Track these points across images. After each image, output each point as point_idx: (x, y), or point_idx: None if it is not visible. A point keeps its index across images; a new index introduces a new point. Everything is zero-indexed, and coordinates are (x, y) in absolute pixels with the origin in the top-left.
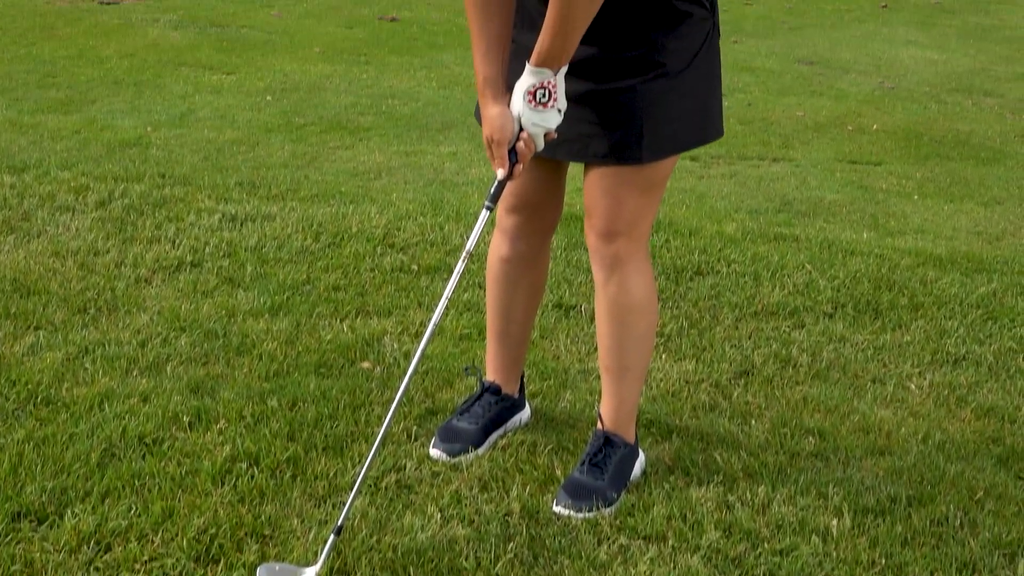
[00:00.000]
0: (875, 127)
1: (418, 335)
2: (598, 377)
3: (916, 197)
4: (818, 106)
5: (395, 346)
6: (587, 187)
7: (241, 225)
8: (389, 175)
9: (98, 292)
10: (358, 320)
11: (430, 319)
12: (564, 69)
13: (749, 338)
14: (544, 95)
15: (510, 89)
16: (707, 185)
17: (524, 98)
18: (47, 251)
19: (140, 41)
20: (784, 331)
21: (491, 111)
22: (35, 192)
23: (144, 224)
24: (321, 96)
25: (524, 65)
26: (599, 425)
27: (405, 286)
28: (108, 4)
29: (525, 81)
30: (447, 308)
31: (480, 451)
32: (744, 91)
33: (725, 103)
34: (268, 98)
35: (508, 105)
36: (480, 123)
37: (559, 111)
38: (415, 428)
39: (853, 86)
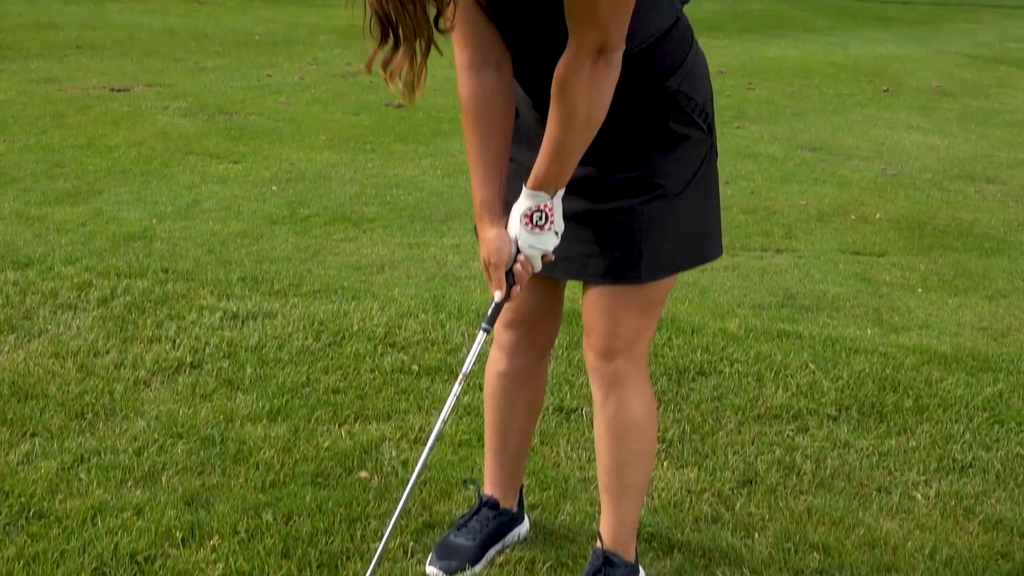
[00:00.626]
0: (878, 216)
1: (417, 441)
2: (599, 487)
3: (920, 290)
4: (821, 194)
5: (393, 453)
6: (585, 306)
7: (242, 323)
8: (392, 268)
9: (96, 396)
10: (357, 425)
11: (429, 432)
12: (561, 192)
13: (752, 443)
14: (541, 218)
15: (508, 207)
16: (710, 278)
17: (521, 221)
18: (47, 351)
19: (149, 129)
20: (788, 436)
21: (488, 234)
22: (38, 289)
23: (145, 322)
24: (327, 186)
25: (522, 183)
26: (598, 543)
27: (405, 388)
28: (119, 91)
29: (522, 204)
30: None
31: (477, 569)
32: (747, 179)
33: (729, 191)
34: (274, 188)
35: (505, 227)
36: (478, 238)
37: (556, 233)
38: (411, 543)
39: (856, 173)
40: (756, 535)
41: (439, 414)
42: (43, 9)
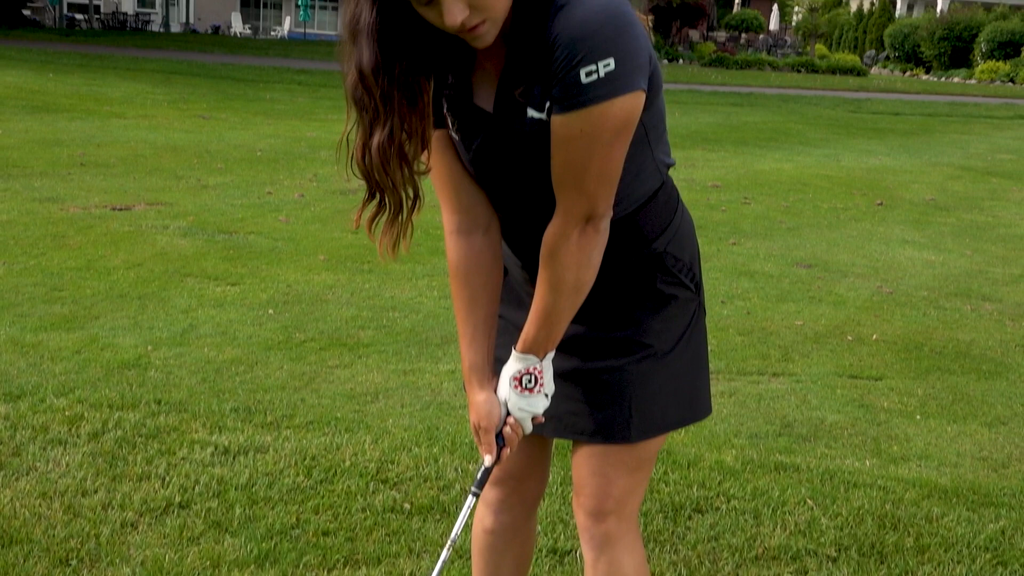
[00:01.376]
0: (874, 337)
1: None
2: None
3: (918, 417)
4: (817, 314)
5: None
6: (575, 465)
7: (233, 459)
8: (386, 397)
9: (82, 540)
10: (346, 570)
11: None
12: (551, 354)
13: None
14: (530, 381)
15: (499, 363)
16: None
17: (510, 384)
18: (35, 491)
19: (148, 250)
20: None
21: (477, 397)
22: (28, 423)
23: (135, 459)
24: (323, 308)
25: (511, 341)
26: None
27: (396, 529)
28: (120, 210)
29: (511, 367)
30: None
31: None
32: (743, 298)
33: (725, 311)
34: (270, 311)
35: (495, 391)
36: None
37: (546, 396)
38: None
39: (851, 291)
40: None
41: (430, 561)
42: (49, 126)
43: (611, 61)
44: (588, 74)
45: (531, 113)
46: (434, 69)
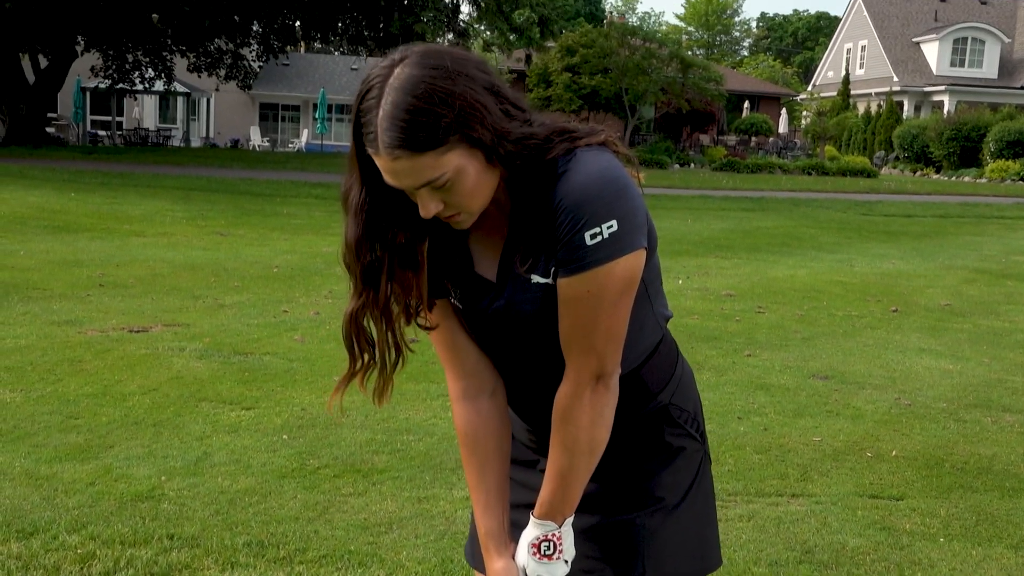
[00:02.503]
0: (894, 453)
1: None
2: None
3: (942, 539)
4: (835, 429)
5: None
6: None
7: None
8: (400, 528)
9: None
10: None
11: None
12: (570, 519)
13: None
14: (549, 548)
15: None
16: (725, 531)
17: (529, 551)
18: None
19: (164, 374)
20: None
21: (496, 565)
22: (40, 563)
23: None
24: (337, 433)
25: (517, 499)
26: None
27: None
28: (137, 332)
29: (529, 533)
30: None
31: None
32: (759, 413)
33: (741, 428)
34: (284, 437)
35: (512, 557)
36: (471, 566)
37: (566, 562)
38: None
39: (869, 404)
40: None
41: None
42: (70, 247)
43: (614, 223)
44: (592, 236)
45: (536, 279)
46: (428, 238)
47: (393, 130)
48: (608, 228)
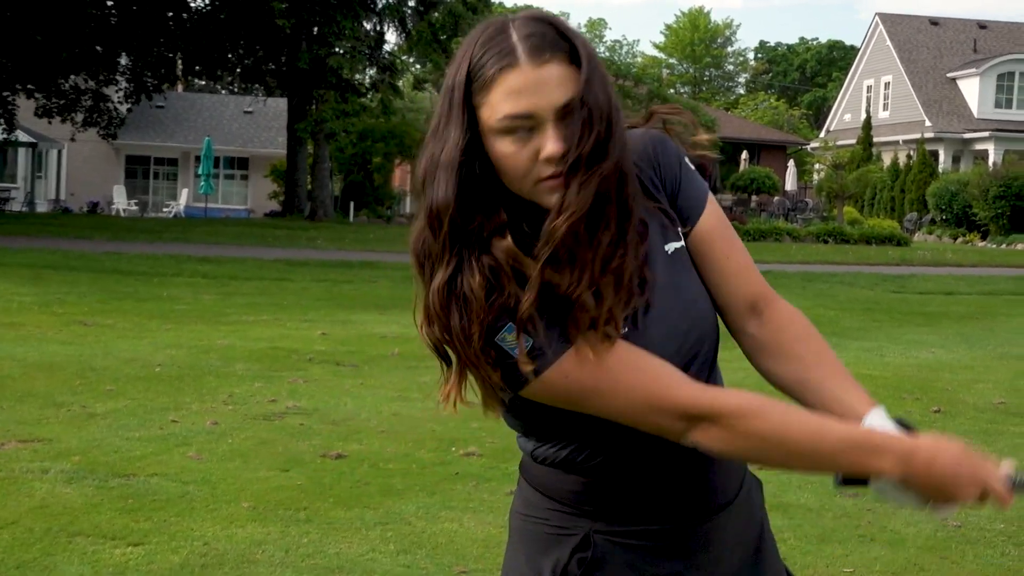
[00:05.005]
0: None
1: None
2: None
3: None
4: (870, 558)
5: None
6: None
7: None
8: None
9: None
10: None
11: None
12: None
13: None
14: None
15: None
16: None
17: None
18: None
19: (24, 503)
20: None
21: (926, 442)
22: None
23: None
24: (251, 572)
25: None
26: None
27: None
28: None
29: (883, 418)
30: None
31: None
32: (778, 539)
33: None
34: None
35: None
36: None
37: None
38: None
39: (909, 526)
40: None
41: None
42: None
43: (683, 155)
44: (691, 161)
45: (671, 246)
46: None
47: (539, 37)
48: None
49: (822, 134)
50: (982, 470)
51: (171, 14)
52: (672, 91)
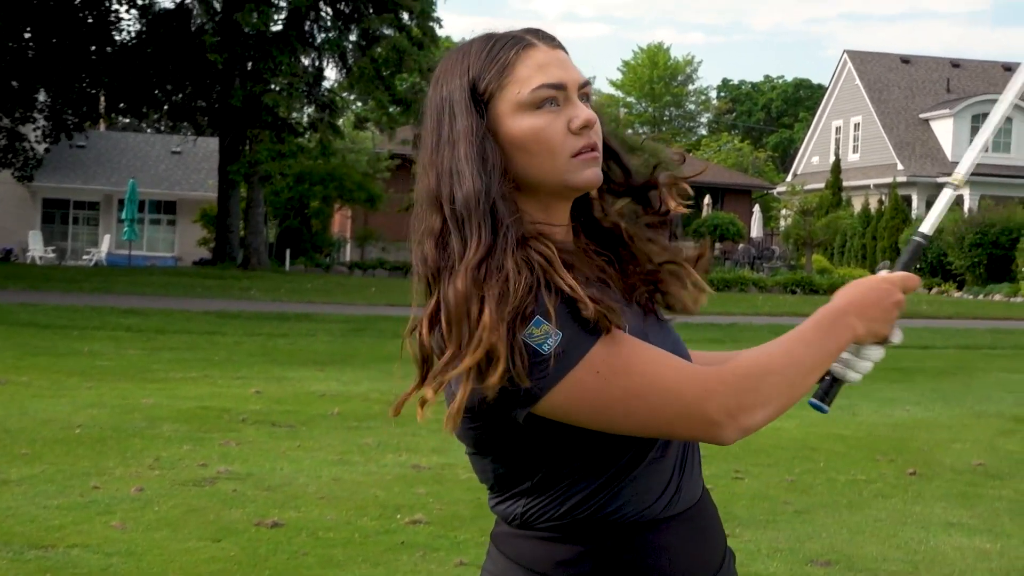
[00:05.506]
0: None
1: None
2: None
3: None
4: None
5: None
6: None
7: None
8: None
9: None
10: None
11: None
12: None
13: None
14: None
15: None
16: None
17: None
18: None
19: None
20: None
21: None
22: None
23: None
24: None
25: None
26: None
27: None
28: None
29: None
30: None
31: None
32: None
33: None
34: None
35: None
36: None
37: None
38: None
39: None
40: None
41: None
42: None
43: None
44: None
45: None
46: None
47: (536, 32)
48: None
49: (789, 178)
50: (877, 278)
51: (94, 47)
52: (630, 131)
